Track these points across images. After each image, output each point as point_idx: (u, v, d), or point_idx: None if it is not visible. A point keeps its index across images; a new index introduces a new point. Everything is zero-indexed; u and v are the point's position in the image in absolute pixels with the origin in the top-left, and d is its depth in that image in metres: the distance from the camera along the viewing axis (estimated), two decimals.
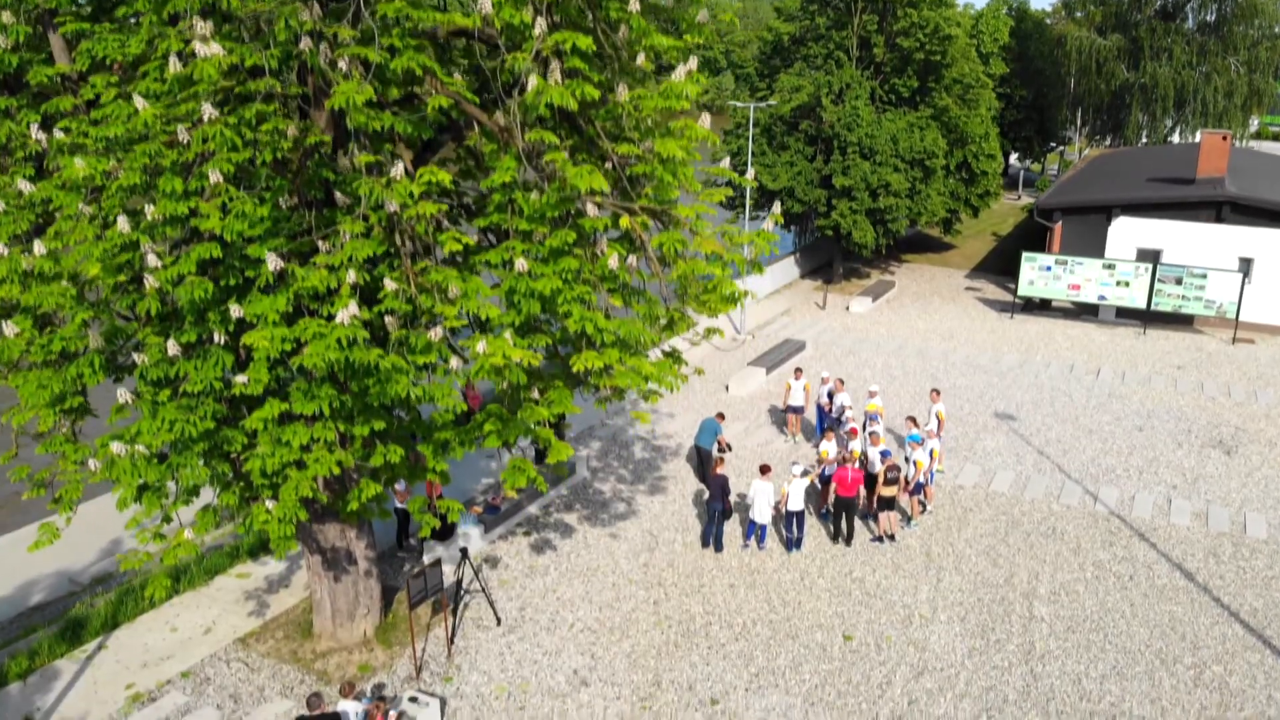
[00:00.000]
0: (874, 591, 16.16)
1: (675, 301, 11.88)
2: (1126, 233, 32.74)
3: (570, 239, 9.99)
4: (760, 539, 17.55)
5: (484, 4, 9.37)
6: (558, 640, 14.74)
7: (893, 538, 17.75)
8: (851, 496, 17.33)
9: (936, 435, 19.61)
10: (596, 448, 21.99)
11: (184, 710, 13.15)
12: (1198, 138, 40.98)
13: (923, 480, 18.55)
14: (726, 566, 16.95)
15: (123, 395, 10.69)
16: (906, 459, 18.73)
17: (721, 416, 20.22)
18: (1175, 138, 57.70)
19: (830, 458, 18.40)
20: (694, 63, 9.45)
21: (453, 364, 10.40)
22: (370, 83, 9.29)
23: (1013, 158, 65.94)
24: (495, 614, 15.20)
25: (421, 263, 10.50)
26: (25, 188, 10.49)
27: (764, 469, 17.40)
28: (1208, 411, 24.63)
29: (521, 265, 10.09)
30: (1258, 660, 14.39)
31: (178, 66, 9.31)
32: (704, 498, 18.91)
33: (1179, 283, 30.78)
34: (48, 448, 11.56)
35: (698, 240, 10.95)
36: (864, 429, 19.99)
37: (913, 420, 19.82)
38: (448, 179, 9.95)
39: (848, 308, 34.48)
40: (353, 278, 9.59)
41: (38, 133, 10.56)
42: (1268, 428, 23.55)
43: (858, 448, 18.94)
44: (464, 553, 15.04)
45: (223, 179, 9.27)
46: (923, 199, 34.88)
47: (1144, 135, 56.36)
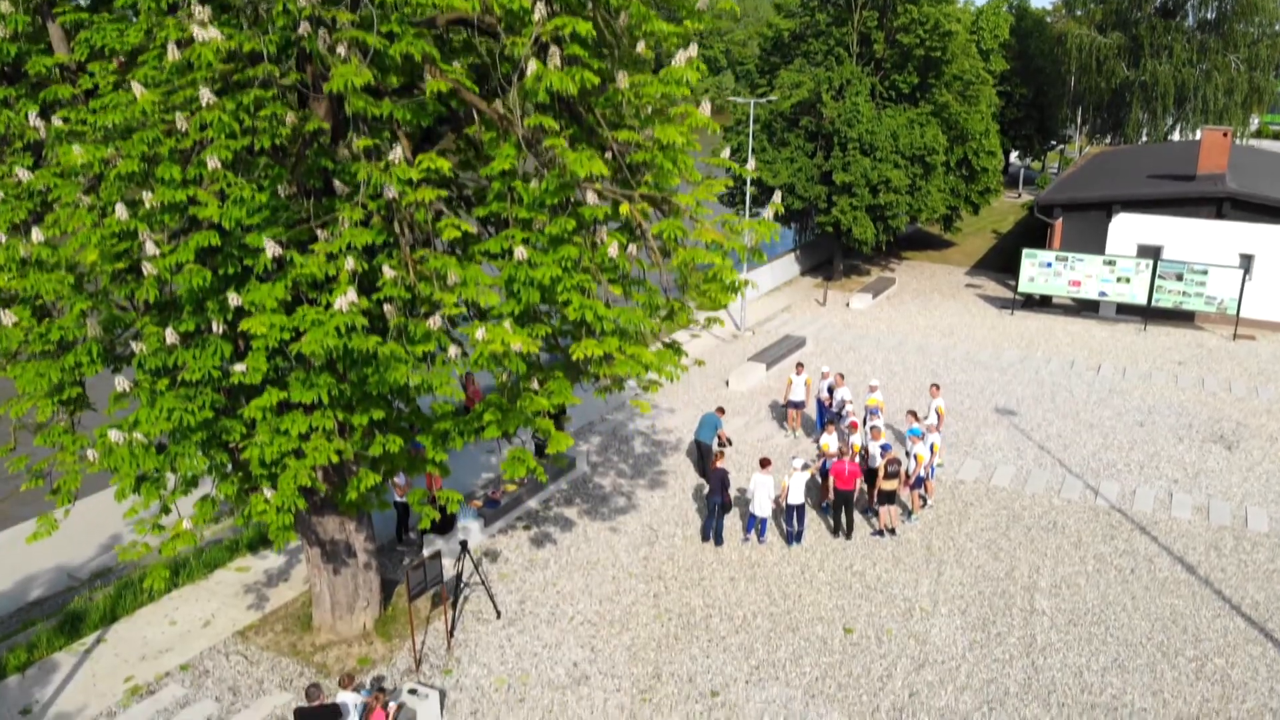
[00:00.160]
0: (875, 585, 16.13)
1: (675, 293, 11.84)
2: (1127, 229, 32.71)
3: (570, 226, 9.96)
4: (760, 533, 17.51)
5: None
6: (557, 633, 14.71)
7: (893, 531, 17.72)
8: (849, 490, 17.30)
9: (937, 429, 19.57)
10: (596, 443, 21.95)
11: (183, 703, 13.12)
12: (1198, 136, 40.95)
13: (923, 474, 18.52)
14: (726, 560, 16.91)
15: (121, 383, 10.67)
16: (907, 453, 18.69)
17: (722, 411, 20.17)
18: (1175, 136, 57.68)
19: (831, 451, 18.38)
20: (694, 49, 9.41)
21: (451, 352, 10.36)
22: (369, 69, 9.25)
23: (1013, 156, 65.87)
24: (495, 607, 15.17)
25: (420, 251, 10.46)
26: (23, 176, 10.46)
27: (764, 462, 17.36)
28: (1209, 407, 24.58)
29: (521, 253, 10.06)
30: (1259, 653, 14.35)
31: (176, 55, 9.28)
32: (704, 492, 18.88)
33: (1180, 279, 30.73)
34: (46, 439, 11.53)
35: (698, 230, 10.91)
36: (864, 423, 19.96)
37: (913, 414, 19.77)
38: (446, 166, 9.92)
39: (848, 304, 34.45)
40: (351, 265, 9.56)
41: (35, 120, 10.52)
42: (1269, 423, 23.51)
43: (858, 442, 18.92)
44: (464, 545, 15.00)
45: (221, 166, 9.24)
46: (923, 195, 34.85)
47: (1144, 133, 56.35)
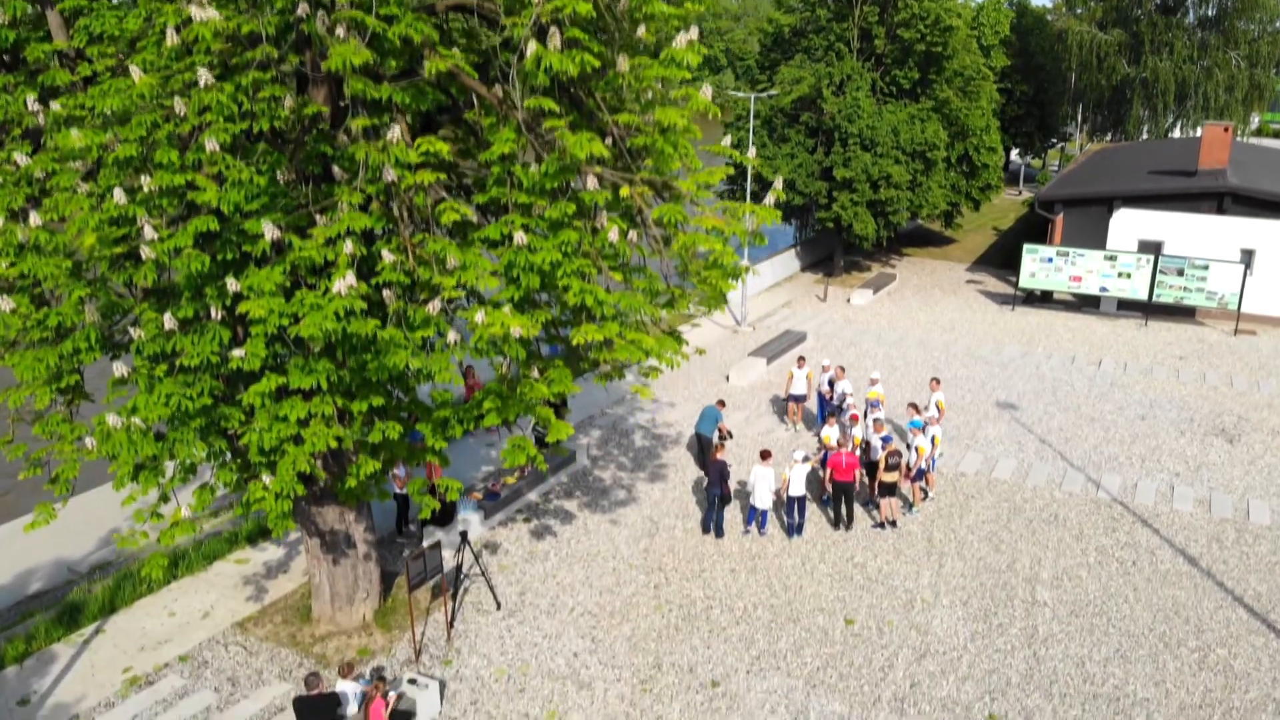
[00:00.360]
0: (875, 576, 16.08)
1: (676, 279, 11.80)
2: (1128, 224, 32.65)
3: (570, 210, 9.92)
4: (761, 525, 17.46)
5: None
6: (558, 624, 14.66)
7: (894, 524, 17.67)
8: (848, 481, 17.25)
9: (937, 422, 19.52)
10: (597, 436, 21.90)
11: (181, 693, 13.07)
12: (1198, 132, 40.89)
13: (924, 467, 18.47)
14: (727, 552, 16.86)
15: (119, 369, 10.63)
16: (908, 446, 18.65)
17: (722, 404, 20.14)
18: (1176, 132, 57.59)
19: (833, 443, 18.33)
20: (695, 31, 9.37)
21: (450, 338, 10.32)
22: (368, 51, 9.20)
23: (1014, 154, 65.80)
24: (495, 598, 15.12)
25: (420, 235, 10.41)
26: (21, 160, 10.42)
27: (764, 454, 17.32)
28: (1210, 401, 24.53)
29: (521, 238, 10.01)
30: (1262, 644, 14.30)
31: (174, 40, 9.25)
32: (704, 485, 18.83)
33: (1181, 274, 30.68)
34: (44, 428, 11.48)
35: (699, 217, 10.87)
36: (865, 416, 19.91)
37: (914, 407, 19.73)
38: (445, 149, 9.87)
39: (849, 300, 34.39)
40: (350, 248, 9.51)
41: (34, 105, 10.48)
42: (1270, 416, 23.45)
43: (859, 434, 18.87)
44: (464, 537, 14.96)
45: (220, 149, 9.20)
46: (924, 191, 34.79)
47: (1145, 130, 56.26)
